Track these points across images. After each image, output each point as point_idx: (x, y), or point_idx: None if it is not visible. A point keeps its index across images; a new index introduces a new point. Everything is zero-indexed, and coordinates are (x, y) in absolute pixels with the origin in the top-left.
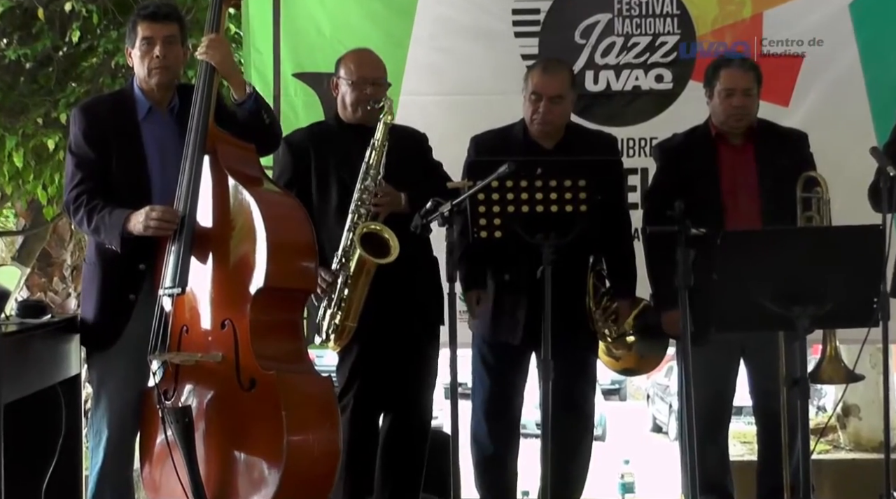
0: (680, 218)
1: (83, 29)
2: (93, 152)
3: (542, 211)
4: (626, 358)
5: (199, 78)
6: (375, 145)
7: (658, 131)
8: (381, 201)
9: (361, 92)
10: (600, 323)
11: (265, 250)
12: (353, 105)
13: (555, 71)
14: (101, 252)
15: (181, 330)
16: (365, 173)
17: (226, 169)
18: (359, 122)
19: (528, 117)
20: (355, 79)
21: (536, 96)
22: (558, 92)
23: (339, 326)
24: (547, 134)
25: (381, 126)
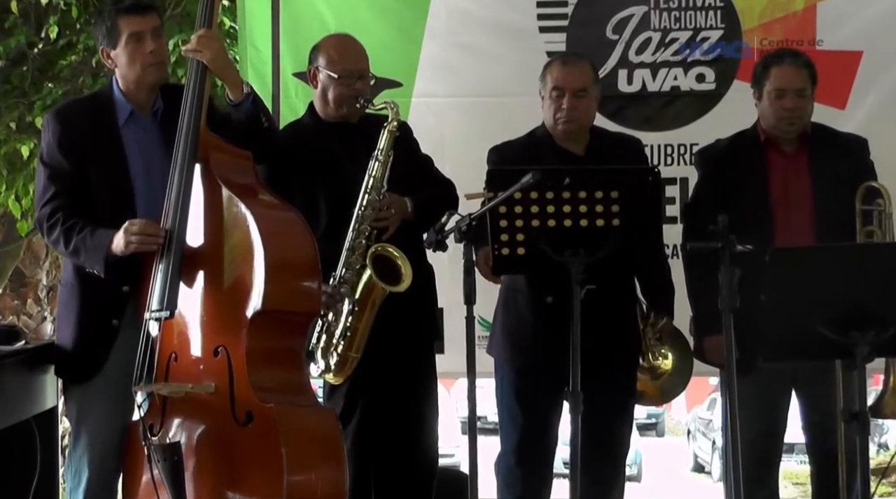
0: (724, 233)
1: (61, 23)
2: (68, 162)
3: (571, 225)
4: (643, 383)
5: (189, 78)
6: (379, 157)
7: (699, 137)
8: (386, 215)
9: (348, 87)
10: (652, 343)
11: (263, 269)
12: (338, 101)
13: (576, 62)
14: (81, 272)
15: (169, 358)
16: (368, 187)
17: (219, 179)
18: (340, 119)
19: (551, 118)
20: (340, 71)
21: (558, 91)
22: (582, 84)
23: (341, 357)
24: (573, 135)
25: (386, 135)
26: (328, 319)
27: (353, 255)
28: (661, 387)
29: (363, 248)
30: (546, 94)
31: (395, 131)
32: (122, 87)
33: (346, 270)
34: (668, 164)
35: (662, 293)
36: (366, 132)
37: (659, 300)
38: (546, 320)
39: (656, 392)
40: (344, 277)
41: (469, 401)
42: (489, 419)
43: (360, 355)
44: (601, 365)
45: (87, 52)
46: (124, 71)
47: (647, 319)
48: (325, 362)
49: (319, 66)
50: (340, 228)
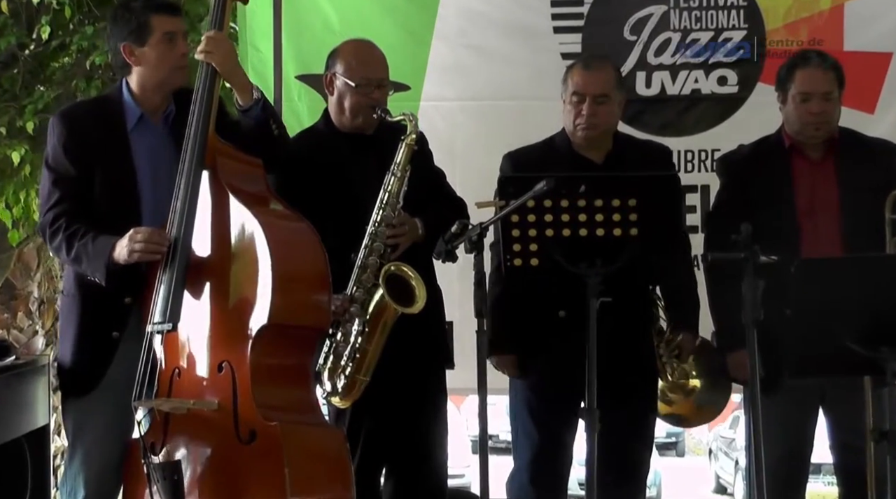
0: (747, 243)
1: (53, 24)
2: (74, 167)
3: (587, 235)
4: (680, 404)
5: (198, 81)
6: (396, 172)
7: (721, 142)
8: (398, 233)
9: (366, 96)
10: (665, 359)
11: (270, 281)
12: (354, 110)
13: (598, 67)
14: (82, 282)
15: (172, 373)
16: (384, 203)
17: (227, 187)
18: (356, 129)
19: (570, 124)
20: (358, 80)
21: (578, 97)
22: (603, 90)
23: (349, 380)
24: (593, 142)
25: (404, 149)
26: (337, 340)
27: (365, 273)
28: (697, 404)
29: (376, 266)
30: (566, 98)
31: (414, 145)
32: (134, 89)
33: (357, 289)
34: (688, 171)
35: (683, 308)
36: (381, 144)
37: (678, 315)
38: (559, 335)
39: (692, 410)
40: (355, 297)
41: (480, 419)
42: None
43: (368, 379)
44: (618, 381)
45: (81, 54)
46: (150, 71)
47: (663, 336)
48: (332, 385)
49: (337, 73)
50: (349, 243)
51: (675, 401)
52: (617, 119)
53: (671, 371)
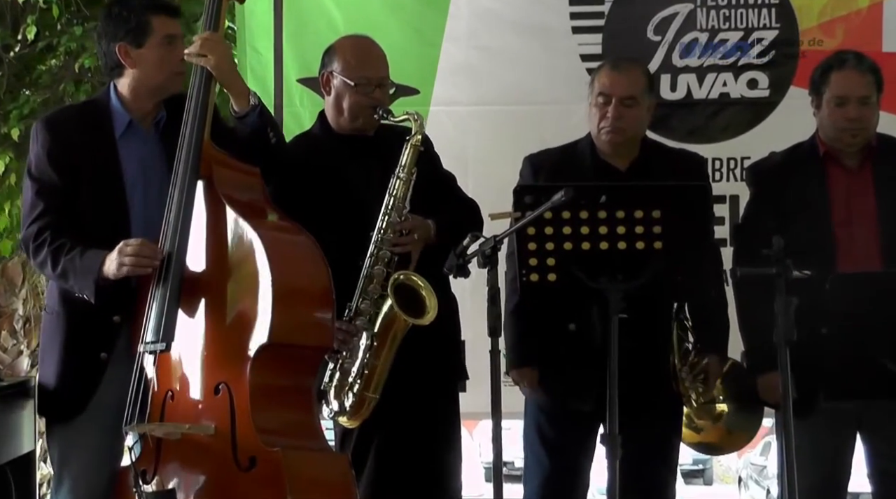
0: (779, 257)
1: (40, 23)
2: (59, 177)
3: (608, 248)
4: (709, 431)
5: (192, 86)
6: (401, 175)
7: (752, 149)
8: (408, 240)
9: (365, 96)
10: (688, 383)
11: (270, 298)
12: (353, 111)
13: (627, 68)
14: (67, 299)
15: (165, 395)
16: (389, 208)
17: (223, 197)
18: (355, 131)
19: (595, 127)
20: (357, 78)
21: (604, 98)
22: (630, 92)
23: (357, 398)
24: (618, 148)
25: (410, 150)
26: (343, 355)
27: (372, 283)
28: (726, 428)
29: (383, 276)
30: (592, 100)
31: (419, 146)
32: (125, 93)
33: (363, 301)
34: (716, 180)
35: (710, 328)
36: (383, 146)
37: (705, 336)
38: (570, 350)
39: (722, 436)
40: (361, 309)
41: (494, 444)
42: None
43: (378, 396)
44: (639, 403)
45: (70, 56)
46: (147, 75)
47: (686, 358)
48: (340, 404)
49: (334, 72)
50: (354, 254)
51: (703, 427)
52: (645, 125)
53: (696, 396)
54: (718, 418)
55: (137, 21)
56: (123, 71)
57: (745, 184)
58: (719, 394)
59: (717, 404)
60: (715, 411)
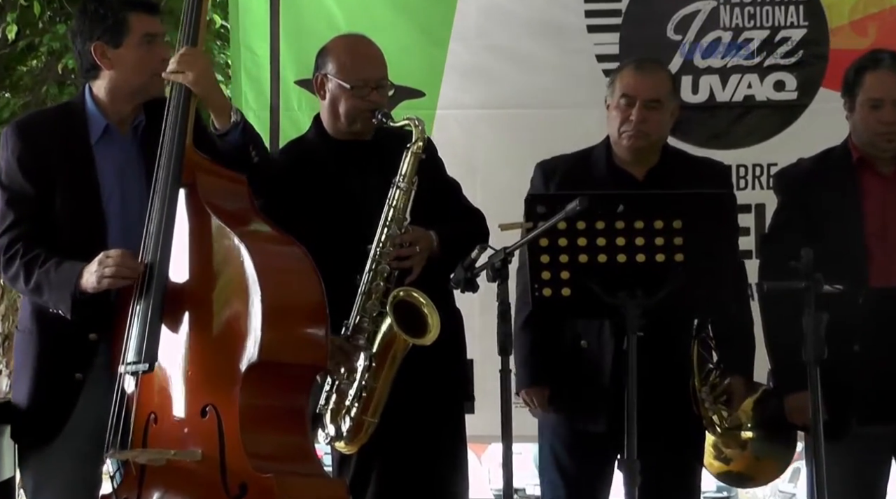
0: (808, 270)
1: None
2: (31, 185)
3: (626, 261)
4: (737, 460)
5: (171, 98)
6: (401, 185)
7: (779, 155)
8: (409, 253)
9: (362, 99)
10: (707, 405)
11: (259, 313)
12: (349, 115)
13: (652, 69)
14: (40, 316)
15: (148, 419)
16: (388, 219)
17: (207, 206)
18: (352, 136)
19: (616, 131)
20: (353, 80)
21: (627, 100)
22: (655, 94)
23: (355, 422)
24: (639, 154)
25: (410, 158)
26: (340, 376)
27: (370, 300)
28: (755, 455)
29: (382, 291)
30: (613, 102)
31: (421, 154)
32: (101, 96)
33: (360, 319)
34: (741, 188)
35: (733, 347)
36: (382, 151)
37: (727, 356)
38: (579, 367)
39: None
40: (358, 327)
41: (504, 470)
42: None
43: (377, 420)
44: (658, 427)
45: (52, 56)
46: (125, 76)
47: (707, 378)
48: (336, 428)
49: (328, 74)
50: (351, 268)
51: (732, 457)
52: (667, 130)
53: (719, 420)
54: (745, 446)
55: (115, 19)
56: (100, 72)
57: (772, 192)
58: (746, 420)
59: (743, 430)
60: (741, 437)
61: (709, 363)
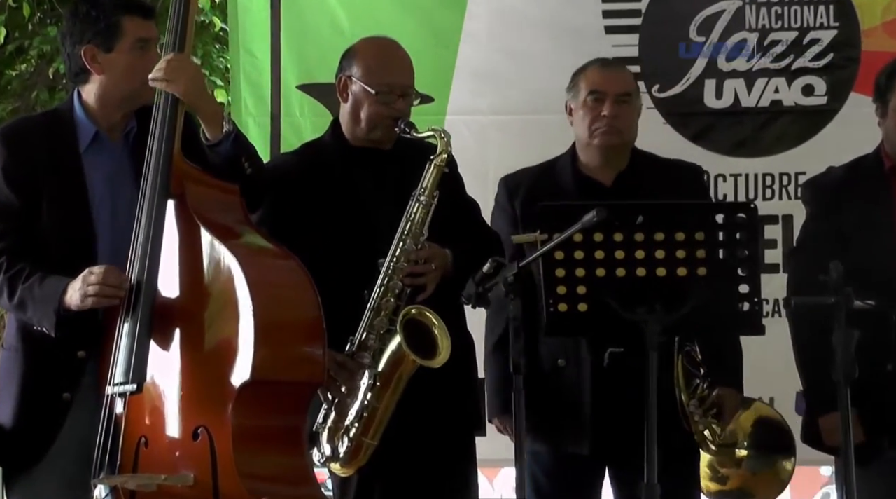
0: (839, 285)
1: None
2: (16, 196)
3: (645, 275)
4: (733, 478)
5: (157, 105)
6: (421, 198)
7: (807, 164)
8: (424, 270)
9: (386, 106)
10: (697, 419)
11: (252, 329)
12: (371, 122)
13: (618, 67)
14: (26, 334)
15: (138, 443)
16: (405, 233)
17: (197, 218)
18: (372, 143)
19: (586, 130)
20: (378, 86)
21: (597, 96)
22: (625, 88)
23: (353, 443)
24: (610, 155)
25: (433, 171)
26: (342, 394)
27: (379, 316)
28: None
29: (392, 308)
30: (579, 103)
31: (444, 167)
32: (91, 102)
33: (367, 335)
34: (767, 198)
35: (720, 357)
36: (401, 162)
37: (714, 366)
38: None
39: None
40: (365, 344)
41: (517, 494)
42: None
43: (376, 442)
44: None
45: (42, 60)
46: (116, 82)
47: (695, 392)
48: (333, 449)
49: (353, 77)
50: (360, 282)
51: (729, 476)
52: (636, 131)
53: (711, 436)
54: (739, 464)
55: (107, 22)
56: (89, 77)
57: (801, 202)
58: (743, 437)
59: (738, 448)
60: (735, 455)
61: (696, 378)
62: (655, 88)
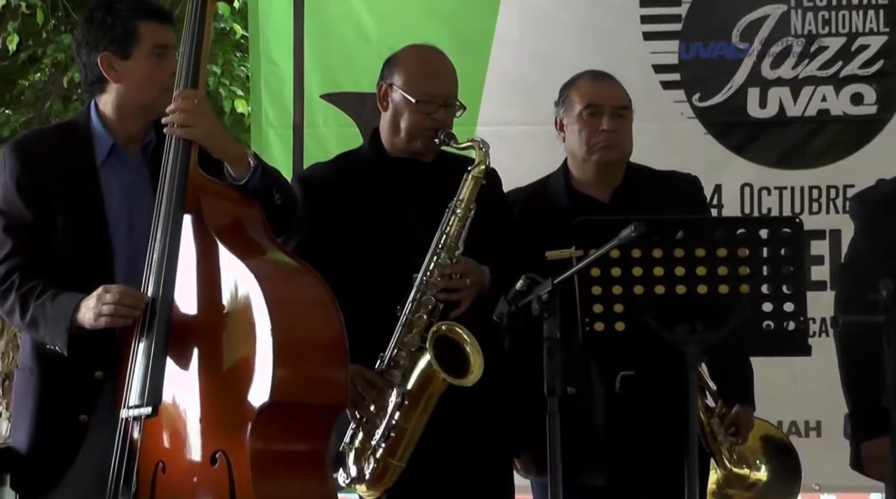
0: (889, 304)
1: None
2: (30, 210)
3: (685, 293)
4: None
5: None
6: (458, 211)
7: (856, 176)
8: (458, 285)
9: (427, 116)
10: (720, 438)
11: (270, 349)
12: (411, 132)
13: (611, 79)
14: (41, 354)
15: (155, 468)
16: (439, 246)
17: (214, 233)
18: (411, 154)
19: (584, 146)
20: (420, 95)
21: (593, 109)
22: (622, 101)
23: (380, 465)
24: (606, 172)
25: (470, 183)
26: (370, 413)
27: (410, 333)
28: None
29: (424, 325)
30: (573, 118)
31: (482, 179)
32: (108, 112)
33: (398, 352)
34: (813, 212)
35: (732, 375)
36: (440, 175)
37: (727, 384)
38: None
39: None
40: (395, 361)
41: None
42: None
43: (404, 464)
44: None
45: (56, 69)
46: (133, 90)
47: (712, 411)
48: (359, 470)
49: (394, 85)
50: (392, 296)
51: (734, 497)
52: (632, 144)
53: (728, 455)
54: (752, 487)
55: (123, 28)
56: (106, 85)
57: (849, 217)
58: (760, 462)
59: (753, 470)
60: (748, 479)
61: (704, 398)
62: (696, 97)
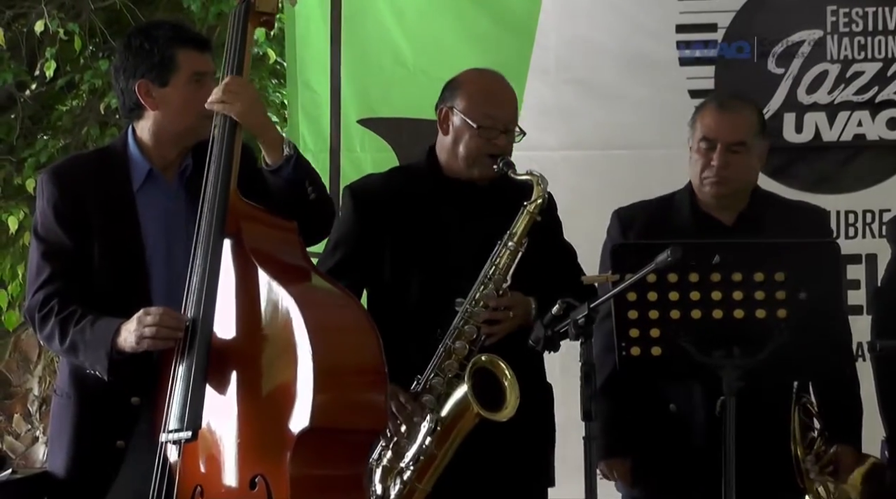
0: None
1: (60, 58)
2: (68, 236)
3: (722, 317)
4: None
5: (215, 134)
6: (510, 244)
7: (892, 201)
8: (502, 317)
9: (488, 141)
10: (813, 477)
11: (311, 374)
12: (470, 157)
13: (735, 108)
14: (79, 379)
15: (193, 492)
16: (487, 277)
17: (254, 258)
18: (468, 178)
19: (697, 176)
20: (482, 119)
21: (708, 143)
22: (738, 137)
23: (406, 487)
24: (724, 200)
25: (525, 217)
26: (401, 435)
27: (449, 359)
28: None
29: (464, 353)
30: (694, 145)
31: (536, 215)
32: (145, 139)
33: (435, 377)
34: (850, 236)
35: (840, 412)
36: (496, 201)
37: (833, 422)
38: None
39: None
40: (431, 386)
41: None
42: None
43: (430, 489)
44: None
45: (94, 95)
46: (171, 117)
47: (811, 447)
48: (384, 490)
49: (455, 108)
50: (434, 320)
51: None
52: (756, 174)
53: (826, 494)
54: None
55: (162, 56)
56: (143, 112)
57: (886, 241)
58: (856, 495)
59: None
60: None
61: (812, 431)
62: None
